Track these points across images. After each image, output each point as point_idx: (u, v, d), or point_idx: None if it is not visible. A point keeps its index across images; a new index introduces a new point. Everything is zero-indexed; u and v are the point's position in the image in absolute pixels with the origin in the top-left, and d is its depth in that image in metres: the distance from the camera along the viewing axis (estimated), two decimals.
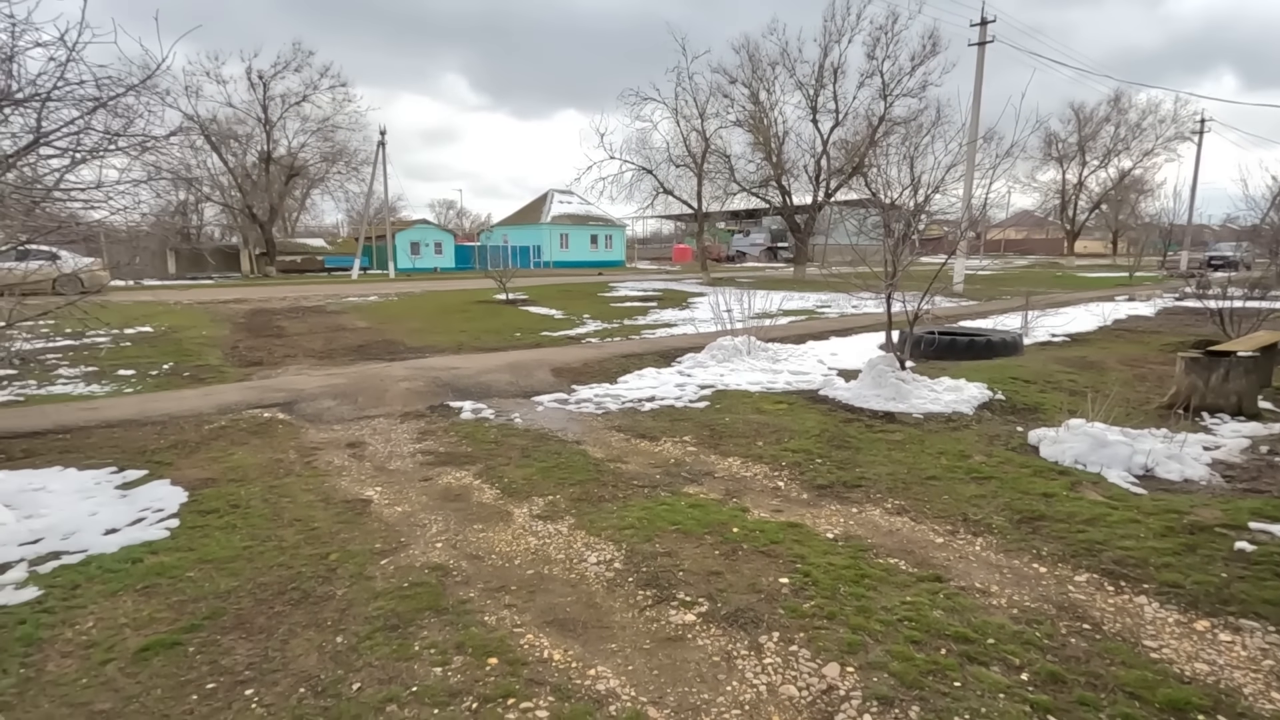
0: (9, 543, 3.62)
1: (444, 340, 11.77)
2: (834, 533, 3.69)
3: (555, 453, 5.20)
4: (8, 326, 4.12)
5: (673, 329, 13.25)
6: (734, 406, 6.58)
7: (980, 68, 20.88)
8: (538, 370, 8.23)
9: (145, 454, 5.17)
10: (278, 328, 13.97)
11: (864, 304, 19.15)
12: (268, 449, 5.33)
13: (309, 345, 11.38)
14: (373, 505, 4.18)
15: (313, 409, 6.46)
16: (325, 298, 21.55)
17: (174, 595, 3.07)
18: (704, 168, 29.14)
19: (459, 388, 7.33)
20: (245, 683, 2.45)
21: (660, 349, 9.95)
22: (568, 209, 56.19)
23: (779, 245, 65.54)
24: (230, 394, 7.00)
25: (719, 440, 5.51)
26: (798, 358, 9.19)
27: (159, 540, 3.65)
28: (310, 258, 41.35)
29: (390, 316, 15.98)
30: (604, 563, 3.38)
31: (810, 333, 11.93)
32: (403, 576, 3.25)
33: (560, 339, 11.82)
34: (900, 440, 5.39)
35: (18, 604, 3.01)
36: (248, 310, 17.72)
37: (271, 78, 36.79)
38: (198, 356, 10.06)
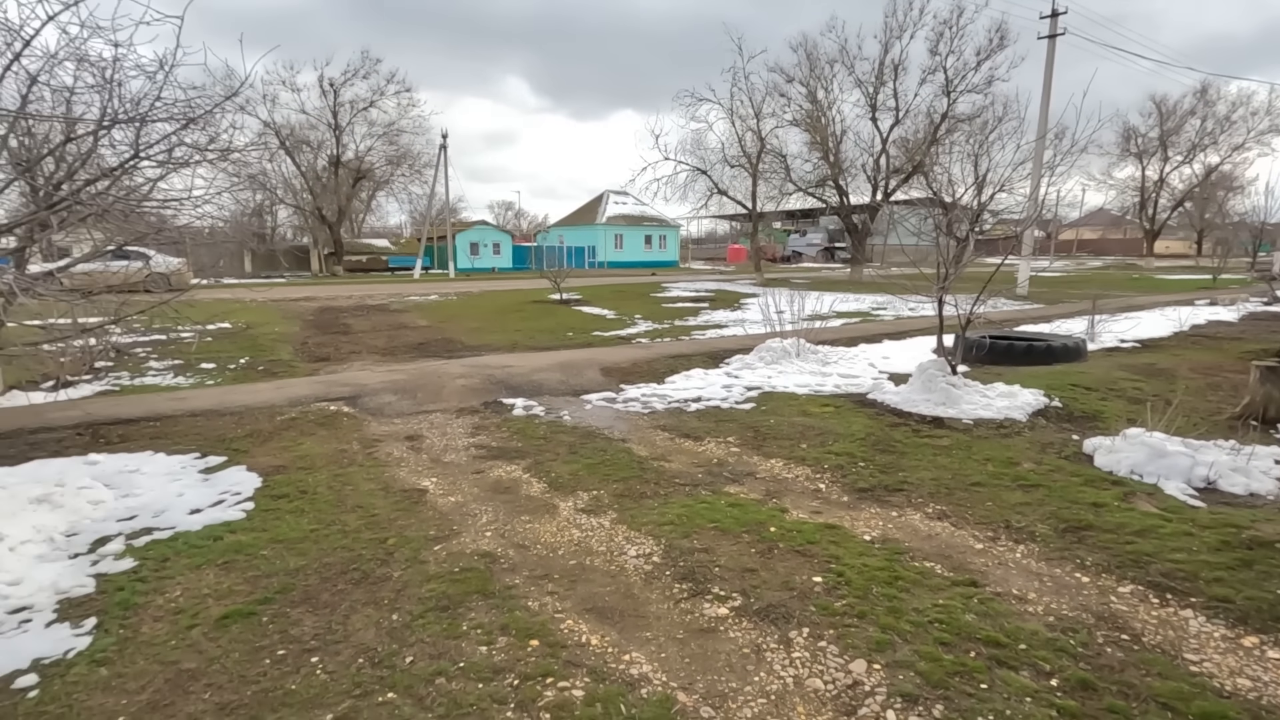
0: (109, 518, 4.01)
1: (499, 339, 12.14)
2: (871, 535, 3.72)
3: (601, 450, 5.36)
4: (114, 322, 4.53)
5: (723, 330, 13.28)
6: (780, 408, 6.61)
7: (1050, 62, 20.09)
8: (588, 369, 8.43)
9: (224, 442, 5.59)
10: (344, 325, 14.66)
11: (921, 307, 18.74)
12: (333, 440, 5.68)
13: (372, 342, 11.92)
14: (428, 495, 4.43)
15: (375, 403, 6.83)
16: (388, 296, 22.42)
17: (249, 571, 3.36)
18: (759, 168, 28.92)
19: (512, 385, 7.60)
20: (311, 651, 2.69)
21: (709, 350, 10.02)
22: (623, 209, 56.61)
23: (836, 245, 64.36)
24: (300, 388, 7.45)
25: (762, 441, 5.57)
26: (848, 360, 9.12)
27: (236, 521, 3.98)
28: (375, 258, 42.97)
29: (449, 316, 16.53)
30: (643, 556, 3.51)
31: (863, 335, 11.77)
32: (454, 562, 3.46)
33: (611, 339, 12.02)
34: (947, 446, 5.34)
35: (117, 573, 3.35)
36: (316, 308, 18.62)
37: (341, 85, 38.49)
38: (271, 352, 10.68)
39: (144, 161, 4.30)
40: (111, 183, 4.39)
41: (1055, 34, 19.95)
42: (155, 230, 5.60)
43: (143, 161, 4.28)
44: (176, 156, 4.84)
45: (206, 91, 4.76)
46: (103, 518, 4.02)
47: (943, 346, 7.13)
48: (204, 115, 4.41)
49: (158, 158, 4.44)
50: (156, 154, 4.39)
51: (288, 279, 36.40)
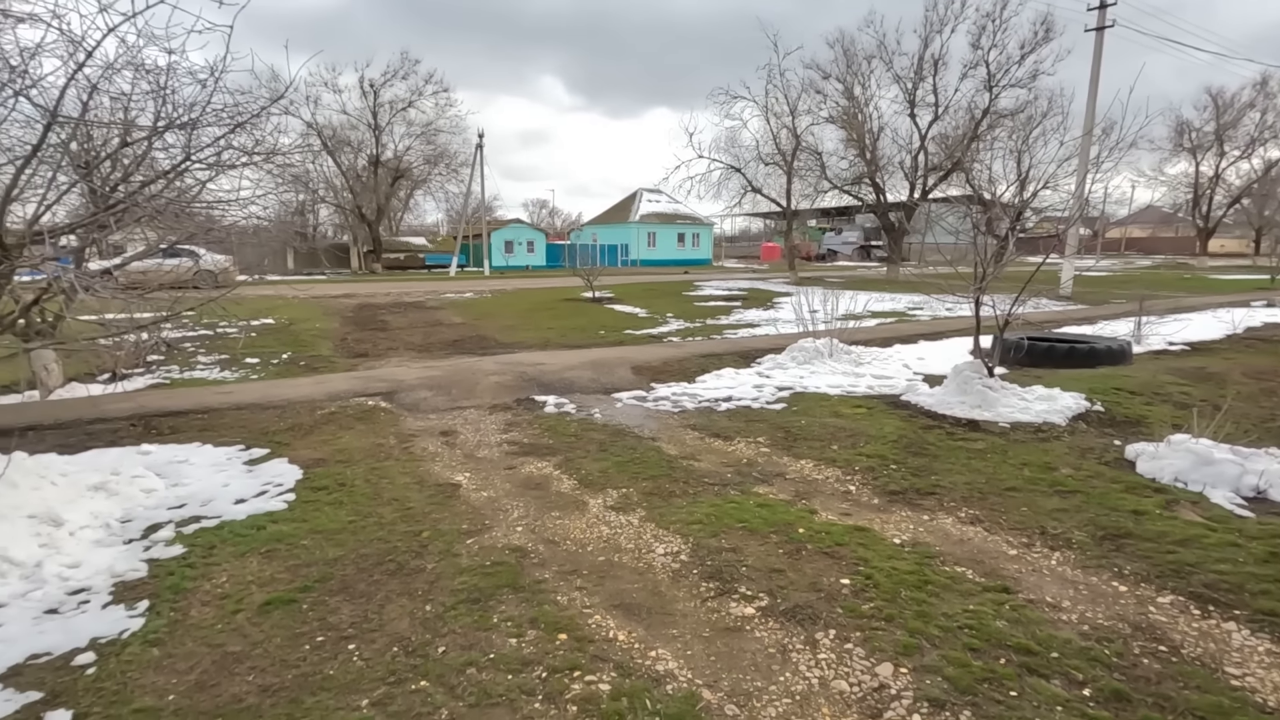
0: (160, 506, 4.20)
1: (532, 337, 12.28)
2: (901, 538, 3.69)
3: (631, 448, 5.40)
4: (168, 318, 4.73)
5: (755, 329, 13.22)
6: (811, 409, 6.57)
7: (1098, 54, 19.46)
8: (619, 368, 8.48)
9: (267, 434, 5.78)
10: (381, 322, 14.98)
11: (959, 307, 18.37)
12: (371, 434, 5.83)
13: (409, 339, 12.17)
14: (461, 490, 4.53)
15: (411, 399, 6.98)
16: (425, 294, 22.82)
17: (290, 560, 3.49)
18: (794, 165, 28.64)
19: (544, 383, 7.69)
20: (348, 638, 2.79)
21: (740, 349, 9.99)
22: (656, 208, 56.61)
23: (872, 244, 63.41)
24: (339, 383, 7.66)
25: (793, 442, 5.54)
26: (881, 361, 9.01)
27: (278, 511, 4.13)
28: (412, 255, 43.75)
29: (484, 313, 16.76)
30: (671, 554, 3.54)
31: (897, 336, 11.60)
32: (485, 555, 3.54)
33: (642, 337, 12.06)
34: (981, 449, 5.24)
35: (168, 559, 3.51)
36: (355, 305, 19.05)
37: (381, 86, 39.29)
38: (311, 347, 10.98)
39: (195, 164, 4.48)
40: (165, 185, 4.58)
41: (1104, 25, 19.33)
42: (205, 230, 5.83)
43: (194, 164, 4.46)
44: (225, 159, 5.03)
45: (253, 95, 4.95)
46: (154, 505, 4.21)
47: (979, 348, 7.00)
48: (251, 119, 4.58)
49: (208, 160, 4.61)
50: (207, 157, 4.56)
51: (328, 276, 37.30)
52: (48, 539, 3.51)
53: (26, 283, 5.34)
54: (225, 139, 4.54)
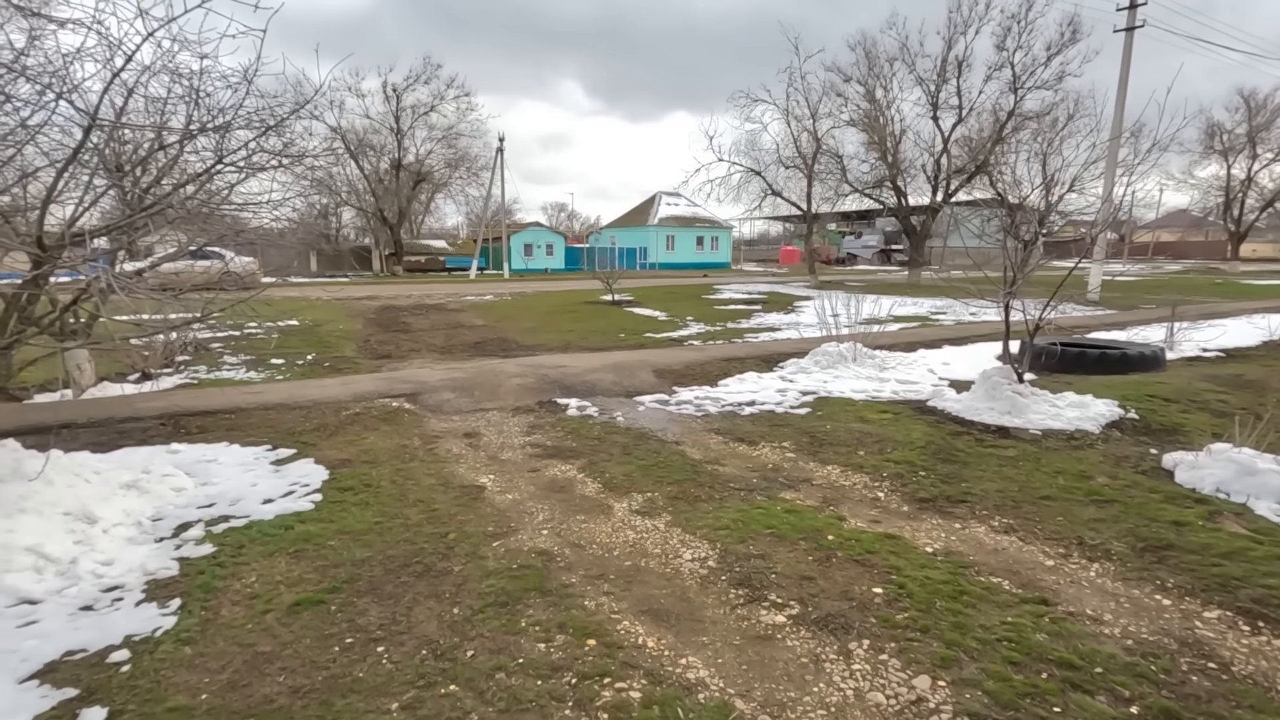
0: (190, 505, 4.24)
1: (553, 339, 12.29)
2: (933, 547, 3.62)
3: (655, 452, 5.37)
4: (201, 319, 4.79)
5: (776, 333, 13.13)
6: (836, 414, 6.49)
7: (1127, 55, 19.11)
8: (640, 371, 8.46)
9: (294, 435, 5.83)
10: (404, 324, 15.10)
11: (983, 311, 18.11)
12: (395, 435, 5.86)
13: (431, 341, 12.24)
14: (486, 492, 4.52)
15: (434, 400, 7.01)
16: (446, 296, 22.98)
17: (318, 560, 3.50)
18: (814, 169, 28.47)
19: (566, 385, 7.68)
20: (377, 640, 2.78)
21: (762, 353, 9.91)
22: (675, 211, 56.59)
23: (893, 248, 62.78)
24: (364, 384, 7.71)
25: (819, 448, 5.48)
26: (906, 366, 8.89)
27: (305, 512, 4.15)
28: (433, 258, 44.12)
29: (505, 315, 16.83)
30: (698, 560, 3.50)
31: (922, 340, 11.45)
32: (512, 558, 3.52)
33: (663, 341, 12.03)
34: (1013, 456, 5.14)
35: (198, 557, 3.53)
36: (377, 307, 19.23)
37: (404, 90, 39.71)
38: (336, 348, 11.09)
39: (226, 167, 4.53)
40: (198, 188, 4.64)
41: (1134, 26, 18.98)
42: (235, 232, 5.90)
43: (225, 166, 4.51)
44: (254, 161, 5.08)
45: (280, 99, 5.00)
46: (184, 504, 4.25)
47: (1009, 353, 6.87)
48: (282, 122, 4.62)
49: (238, 163, 4.67)
50: (238, 159, 4.62)
51: (350, 278, 37.75)
52: (82, 536, 3.55)
53: (65, 283, 5.44)
54: (256, 142, 4.59)
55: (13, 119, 3.60)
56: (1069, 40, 27.24)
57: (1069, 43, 27.27)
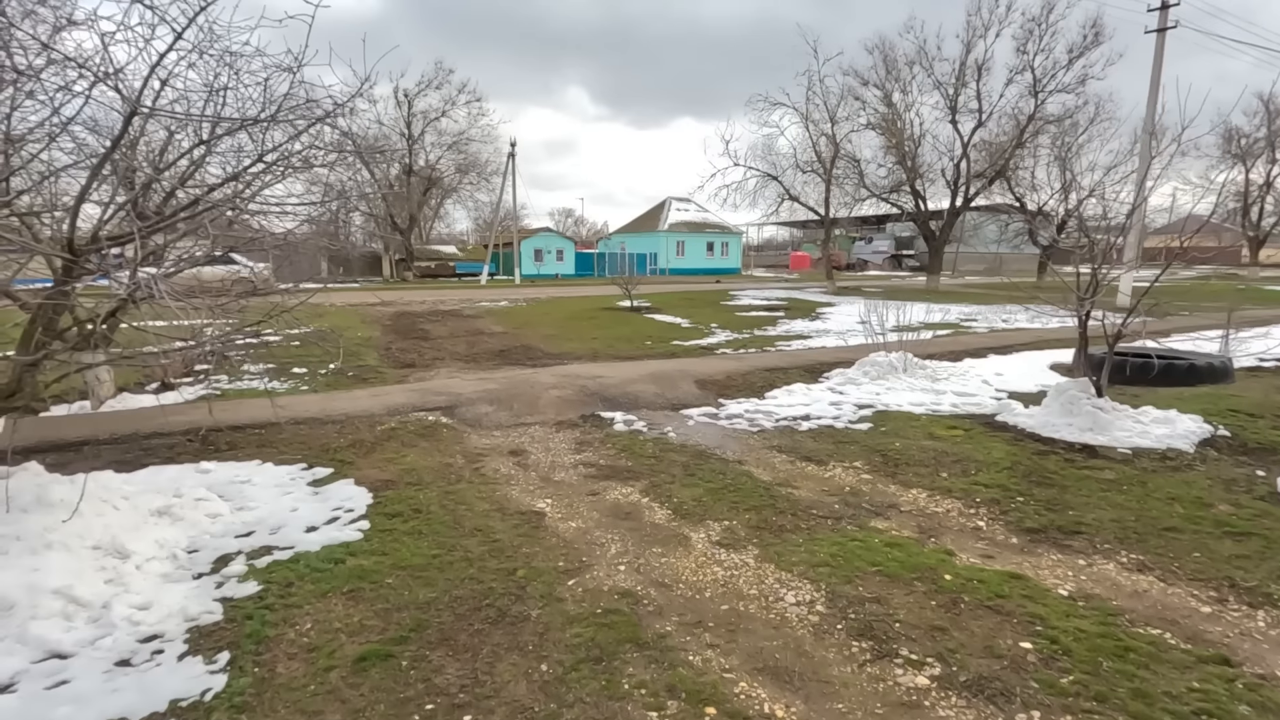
0: (227, 534, 3.87)
1: (579, 347, 11.92)
2: (1066, 589, 3.22)
3: (718, 472, 4.98)
4: (236, 331, 4.45)
5: (808, 341, 12.73)
6: (902, 430, 6.10)
7: (1159, 56, 18.69)
8: (681, 382, 8.07)
9: (329, 452, 5.47)
10: (422, 330, 14.75)
11: (1014, 318, 17.66)
12: (436, 452, 5.49)
13: (453, 349, 11.89)
14: (546, 519, 4.15)
15: (472, 414, 6.64)
16: (460, 302, 22.67)
17: (378, 602, 3.12)
18: (833, 173, 28.09)
19: (607, 397, 7.30)
20: (462, 707, 2.40)
21: (804, 363, 9.52)
22: (685, 216, 56.31)
23: (904, 253, 62.41)
24: (396, 396, 7.35)
25: (895, 468, 5.08)
26: (959, 377, 8.48)
27: (354, 542, 3.77)
28: (443, 263, 43.91)
29: (523, 322, 16.49)
30: (804, 603, 3.11)
31: (965, 349, 11.02)
32: (593, 601, 3.14)
33: (693, 349, 11.64)
34: (1113, 479, 4.73)
35: (243, 597, 3.16)
36: (392, 313, 18.91)
37: (415, 95, 39.58)
38: (358, 357, 10.74)
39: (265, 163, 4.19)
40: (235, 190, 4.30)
41: (1165, 27, 18.57)
42: (262, 237, 5.56)
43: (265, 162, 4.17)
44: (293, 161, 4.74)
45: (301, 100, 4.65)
46: (221, 533, 3.89)
47: (1085, 364, 6.45)
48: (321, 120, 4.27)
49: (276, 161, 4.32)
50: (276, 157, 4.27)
51: (360, 284, 37.54)
52: (114, 574, 3.19)
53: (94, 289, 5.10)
54: (296, 138, 4.24)
55: (43, 109, 3.26)
56: (1091, 43, 26.86)
57: (1091, 45, 26.88)
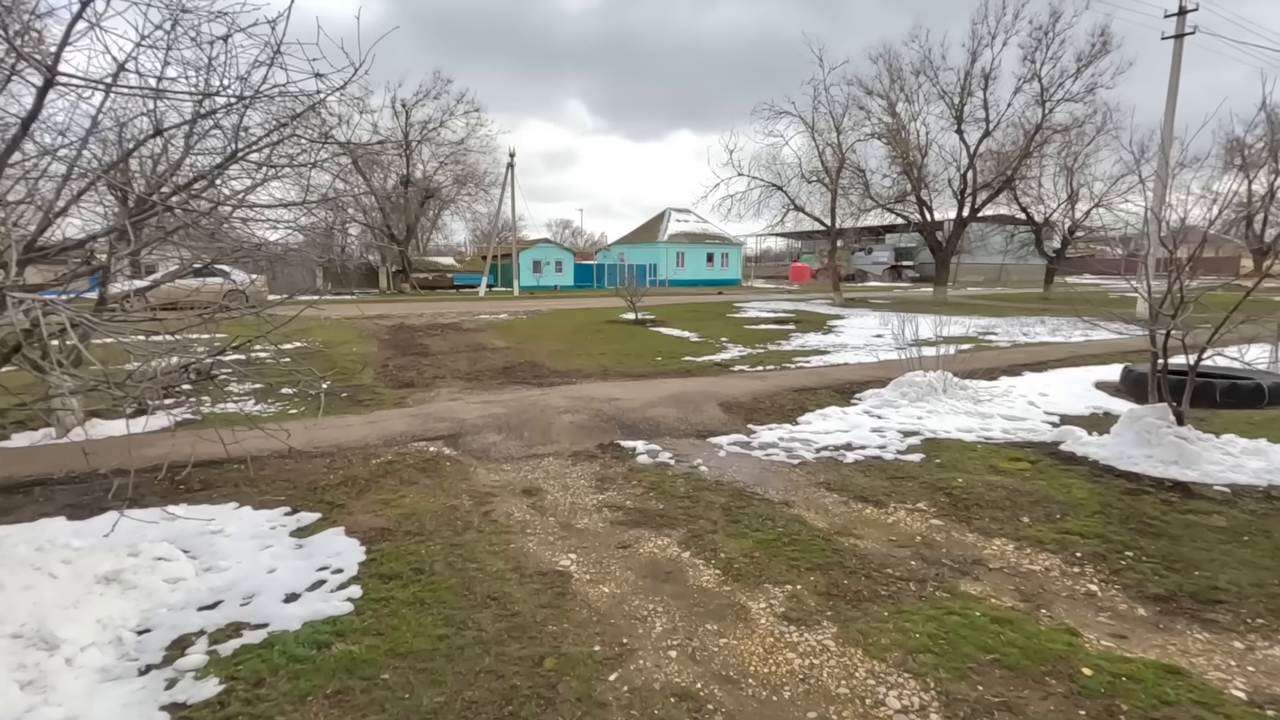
0: (188, 605, 3.20)
1: (587, 364, 11.28)
2: (1239, 688, 2.56)
3: (765, 517, 4.32)
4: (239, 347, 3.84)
5: (827, 357, 12.09)
6: (959, 462, 5.45)
7: (1177, 64, 18.24)
8: (705, 405, 7.42)
9: (317, 491, 4.80)
10: (421, 345, 14.10)
11: (1033, 331, 17.03)
12: (439, 491, 4.82)
13: (454, 366, 11.23)
14: (573, 581, 3.48)
15: (478, 444, 5.97)
16: (459, 315, 22.03)
17: (371, 710, 2.45)
18: (839, 183, 27.59)
19: (626, 423, 6.64)
20: None
21: (832, 382, 8.88)
22: (684, 227, 55.91)
23: (903, 264, 62.11)
24: (394, 422, 6.67)
25: (966, 511, 4.43)
26: (1002, 398, 7.84)
27: (343, 617, 3.10)
28: (441, 275, 43.30)
29: (526, 336, 15.84)
30: (915, 711, 2.44)
31: (998, 366, 10.39)
32: (644, 707, 2.47)
33: (708, 366, 10.99)
34: (1227, 527, 4.08)
35: (198, 703, 2.48)
36: (390, 326, 18.26)
37: (413, 105, 39.11)
38: (352, 375, 10.08)
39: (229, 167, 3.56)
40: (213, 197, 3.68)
41: (1183, 34, 18.14)
42: (249, 247, 4.92)
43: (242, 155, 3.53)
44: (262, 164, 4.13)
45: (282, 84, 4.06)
46: (181, 604, 3.21)
47: (1164, 386, 5.81)
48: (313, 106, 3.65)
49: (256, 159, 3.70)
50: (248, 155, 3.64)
51: (357, 296, 36.87)
52: (35, 673, 2.51)
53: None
54: (278, 130, 3.61)
55: None
56: (1099, 51, 26.50)
57: (1099, 54, 26.53)
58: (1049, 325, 17.84)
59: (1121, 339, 14.87)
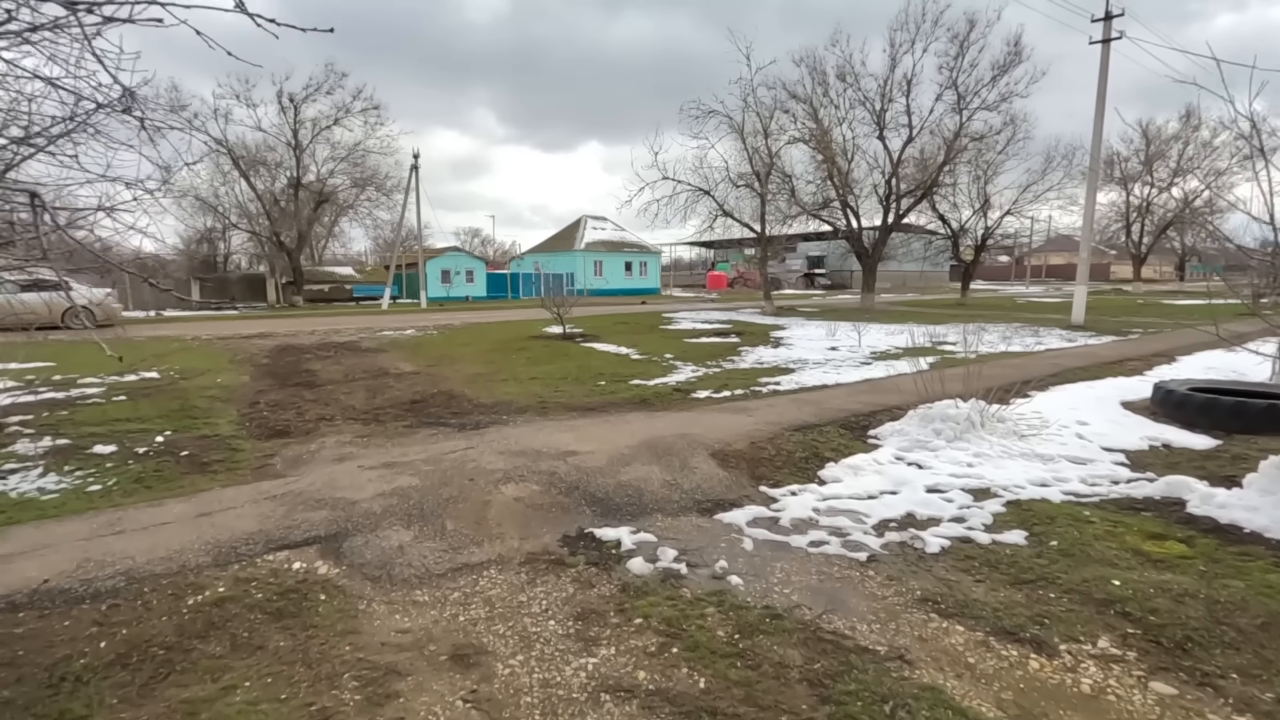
0: None
1: (517, 392, 9.19)
2: None
3: (883, 697, 2.50)
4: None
5: (795, 376, 10.52)
6: (1083, 544, 3.85)
7: (1104, 69, 18.18)
8: (691, 456, 5.56)
9: (55, 689, 2.57)
10: (307, 372, 11.51)
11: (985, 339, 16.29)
12: (301, 672, 2.69)
13: (348, 400, 8.85)
14: None
15: (374, 550, 3.83)
16: (358, 331, 19.24)
17: None
18: (768, 188, 26.58)
19: (594, 494, 4.67)
20: None
21: (831, 414, 7.23)
22: (602, 235, 54.28)
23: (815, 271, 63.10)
24: (239, 515, 4.37)
25: (1176, 654, 2.77)
26: (1046, 431, 6.43)
27: None
28: (338, 286, 39.50)
29: (438, 356, 13.50)
30: None
31: (999, 384, 9.12)
32: None
33: (666, 393, 9.15)
34: None
35: None
36: (273, 347, 15.38)
37: (303, 101, 35.31)
38: (205, 420, 7.56)
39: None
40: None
41: (1109, 38, 18.11)
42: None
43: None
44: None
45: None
46: None
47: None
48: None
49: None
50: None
51: (241, 310, 32.74)
52: None
53: None
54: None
55: None
56: (1012, 61, 26.86)
57: (1012, 64, 26.89)
58: (995, 333, 17.22)
59: (1091, 346, 14.26)
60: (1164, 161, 49.80)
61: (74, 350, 14.73)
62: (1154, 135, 49.04)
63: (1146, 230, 53.19)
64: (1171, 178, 50.34)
